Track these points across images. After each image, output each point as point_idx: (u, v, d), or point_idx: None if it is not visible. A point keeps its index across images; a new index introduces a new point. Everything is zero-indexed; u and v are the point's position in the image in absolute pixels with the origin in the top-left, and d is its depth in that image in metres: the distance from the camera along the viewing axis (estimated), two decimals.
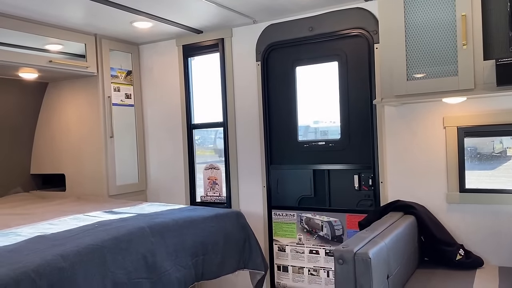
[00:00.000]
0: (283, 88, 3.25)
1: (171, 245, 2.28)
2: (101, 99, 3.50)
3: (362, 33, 2.90)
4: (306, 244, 3.18)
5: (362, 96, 2.94)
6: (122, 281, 1.95)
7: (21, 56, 2.98)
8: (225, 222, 2.71)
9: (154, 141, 3.84)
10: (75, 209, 2.98)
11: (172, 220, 2.40)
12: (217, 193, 3.57)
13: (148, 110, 3.85)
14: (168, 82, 3.72)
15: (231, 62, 3.42)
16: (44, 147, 3.87)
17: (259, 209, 3.34)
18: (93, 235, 2.03)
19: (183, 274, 2.29)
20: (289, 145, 3.24)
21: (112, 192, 3.52)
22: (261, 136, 3.31)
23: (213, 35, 3.47)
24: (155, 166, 3.83)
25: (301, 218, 3.19)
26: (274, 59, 3.27)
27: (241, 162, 3.42)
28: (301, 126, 3.25)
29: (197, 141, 3.77)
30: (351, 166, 3.01)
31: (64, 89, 3.73)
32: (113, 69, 3.61)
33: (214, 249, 2.55)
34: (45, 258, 1.73)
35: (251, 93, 3.35)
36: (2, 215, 2.86)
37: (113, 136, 3.54)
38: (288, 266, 3.25)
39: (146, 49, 3.83)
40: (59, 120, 3.77)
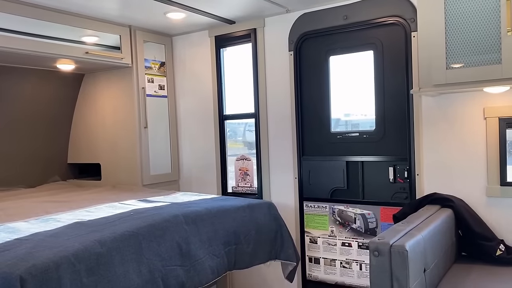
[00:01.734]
0: (316, 78, 3.20)
1: (204, 234, 2.29)
2: (136, 90, 3.55)
3: (398, 21, 2.82)
4: (338, 237, 3.15)
5: (398, 86, 2.87)
6: (156, 268, 1.98)
7: (59, 48, 3.05)
8: (257, 213, 2.71)
9: (186, 131, 3.87)
10: (111, 197, 3.05)
11: (205, 209, 2.41)
12: (248, 184, 3.57)
13: (180, 101, 3.88)
14: (200, 73, 3.74)
15: (263, 53, 3.40)
16: (80, 137, 3.97)
17: (290, 201, 3.33)
18: (129, 222, 2.07)
19: (216, 263, 2.30)
20: (322, 136, 3.20)
21: (146, 182, 3.57)
22: (293, 127, 3.28)
23: (245, 25, 3.46)
24: (188, 156, 3.87)
25: (334, 210, 3.15)
26: (307, 48, 3.23)
27: (273, 153, 3.41)
28: (332, 119, 3.19)
29: (227, 133, 3.78)
30: (386, 158, 2.94)
31: (100, 80, 3.81)
32: (147, 60, 3.65)
33: (246, 238, 2.55)
34: (84, 243, 1.77)
35: (283, 83, 3.32)
36: (42, 202, 2.95)
37: (147, 127, 3.60)
38: (319, 258, 3.23)
39: (179, 40, 3.85)
40: (95, 111, 3.85)
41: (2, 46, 2.74)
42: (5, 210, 2.70)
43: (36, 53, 2.93)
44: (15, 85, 3.52)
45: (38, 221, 2.29)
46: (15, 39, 2.80)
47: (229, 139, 3.79)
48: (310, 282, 3.27)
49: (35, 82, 3.65)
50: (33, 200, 3.07)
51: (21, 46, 2.84)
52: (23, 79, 3.55)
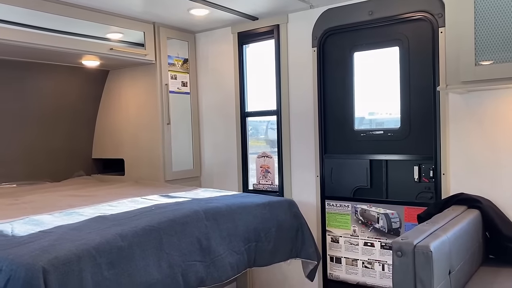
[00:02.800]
0: (339, 74, 3.15)
1: (225, 230, 2.29)
2: (159, 87, 3.57)
3: (426, 17, 2.74)
4: (360, 236, 3.10)
5: (425, 83, 2.79)
6: (176, 263, 1.98)
7: (84, 44, 3.09)
8: (278, 210, 2.69)
9: (208, 128, 3.88)
10: (133, 192, 3.08)
11: (225, 205, 2.41)
12: (269, 181, 3.55)
13: (203, 98, 3.89)
14: (223, 70, 3.74)
15: (286, 49, 3.37)
16: (105, 132, 4.02)
17: (312, 199, 3.29)
18: (150, 217, 2.08)
19: (236, 259, 2.29)
20: (345, 134, 3.15)
21: (168, 177, 3.60)
22: (316, 124, 3.24)
23: (268, 21, 3.43)
24: (209, 153, 3.88)
25: (356, 209, 3.10)
26: (331, 44, 3.18)
27: (294, 150, 3.38)
28: (355, 117, 3.14)
29: (248, 132, 3.77)
30: (411, 156, 2.87)
31: (124, 77, 3.85)
32: (170, 57, 3.67)
33: (266, 236, 2.54)
34: (105, 237, 1.79)
35: (306, 80, 3.28)
36: (67, 196, 3.00)
37: (169, 123, 3.62)
38: (341, 258, 3.19)
39: (202, 37, 3.86)
40: (119, 107, 3.90)
41: (30, 42, 2.80)
42: (31, 203, 2.76)
43: (62, 49, 2.98)
44: (42, 81, 3.60)
45: (61, 214, 2.32)
46: (42, 36, 2.85)
47: (251, 137, 3.78)
48: (331, 282, 3.23)
49: (62, 78, 3.71)
50: (58, 194, 3.13)
51: (48, 42, 2.89)
52: (50, 75, 3.62)
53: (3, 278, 1.56)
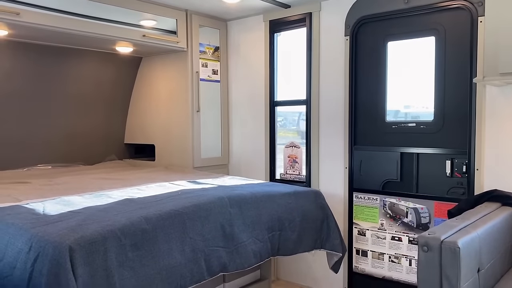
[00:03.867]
0: (372, 64, 3.08)
1: (248, 218, 2.29)
2: (190, 74, 3.60)
3: (464, 5, 2.63)
4: (388, 230, 3.04)
5: (461, 74, 2.69)
6: (199, 248, 2.00)
7: (118, 30, 3.14)
8: (303, 200, 2.67)
9: (237, 116, 3.88)
10: (162, 177, 3.13)
11: (250, 193, 2.41)
12: (296, 172, 3.53)
13: (233, 86, 3.89)
14: (253, 58, 3.72)
15: (318, 37, 3.32)
16: (137, 118, 4.10)
17: (339, 191, 3.25)
18: (175, 201, 2.10)
19: (259, 247, 2.30)
20: (376, 126, 3.08)
21: (196, 164, 3.64)
22: (346, 115, 3.19)
23: (301, 9, 3.39)
24: (238, 141, 3.89)
25: (385, 202, 3.04)
26: (364, 33, 3.11)
27: (323, 141, 3.33)
28: (390, 111, 3.06)
29: (280, 122, 3.75)
30: (443, 150, 2.78)
31: (156, 64, 3.90)
32: (202, 45, 3.68)
33: (290, 225, 2.52)
34: (131, 219, 1.83)
35: (338, 69, 3.22)
36: (98, 179, 3.09)
37: (199, 111, 3.64)
38: (367, 251, 3.14)
39: (234, 25, 3.85)
40: (151, 93, 3.96)
41: (66, 28, 2.87)
42: (64, 185, 2.85)
43: (97, 35, 3.04)
44: (77, 66, 3.69)
45: (91, 196, 2.39)
46: (78, 21, 2.91)
47: (283, 127, 3.76)
48: (356, 274, 3.19)
49: (97, 64, 3.80)
50: (90, 176, 3.22)
51: (84, 28, 2.95)
52: (86, 60, 3.71)
53: (33, 254, 1.62)
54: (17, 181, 2.98)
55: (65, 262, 1.53)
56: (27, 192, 2.53)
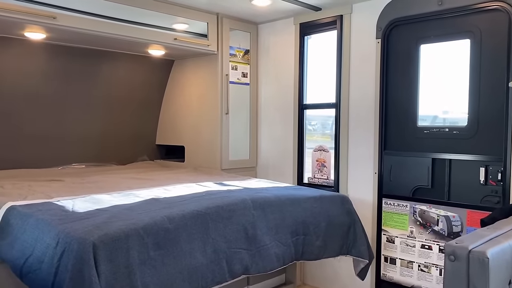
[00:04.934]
0: (404, 67, 3.01)
1: (272, 220, 2.28)
2: (219, 77, 3.63)
3: (502, 7, 2.53)
4: (418, 238, 2.95)
5: (497, 78, 2.59)
6: (221, 249, 2.01)
7: (150, 34, 3.21)
8: (329, 205, 2.63)
9: (266, 119, 3.88)
10: (190, 178, 3.17)
11: (274, 196, 2.40)
12: (324, 176, 3.49)
13: (262, 89, 3.90)
14: (283, 61, 3.71)
15: (348, 40, 3.28)
16: (168, 120, 4.17)
17: (368, 196, 3.19)
18: (199, 202, 2.12)
19: (282, 251, 2.28)
20: (407, 130, 3.01)
21: (224, 166, 3.66)
22: (376, 119, 3.13)
23: (331, 12, 3.35)
24: (266, 144, 3.88)
25: (415, 209, 2.96)
26: (396, 36, 3.04)
27: (352, 145, 3.28)
28: (421, 115, 2.97)
29: (314, 126, 3.72)
30: (477, 157, 2.68)
31: (188, 66, 3.96)
32: (232, 48, 3.71)
33: (315, 230, 2.49)
34: (154, 218, 1.86)
35: (368, 72, 3.17)
36: (128, 179, 3.16)
37: (228, 113, 3.67)
38: (396, 259, 3.06)
39: (264, 28, 3.86)
40: (182, 96, 4.02)
41: (101, 31, 2.95)
42: (95, 183, 2.93)
43: (130, 38, 3.11)
44: (112, 69, 3.80)
45: (120, 195, 2.44)
46: (112, 25, 2.99)
47: (316, 132, 3.71)
48: (384, 282, 3.12)
49: (130, 66, 3.90)
50: (121, 176, 3.30)
51: (117, 31, 3.03)
52: (118, 63, 3.81)
53: (59, 249, 1.67)
54: (51, 179, 3.08)
55: (88, 258, 1.57)
56: (60, 190, 2.62)
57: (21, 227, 1.93)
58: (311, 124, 3.71)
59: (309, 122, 3.72)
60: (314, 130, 3.72)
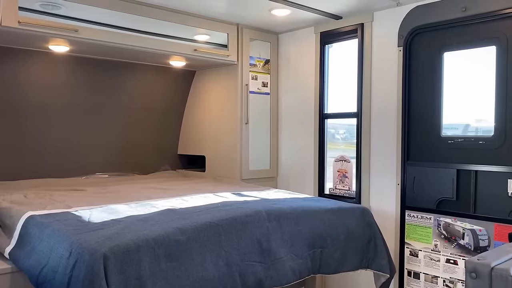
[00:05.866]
0: (427, 75, 2.93)
1: (287, 233, 2.24)
2: (239, 87, 3.63)
3: None
4: (442, 252, 2.84)
5: None
6: (234, 262, 1.98)
7: (170, 45, 3.24)
8: (349, 217, 2.56)
9: (287, 129, 3.85)
10: (209, 188, 3.16)
11: (290, 208, 2.35)
12: (346, 187, 3.42)
13: (282, 99, 3.87)
14: (304, 70, 3.68)
15: (370, 48, 3.22)
16: (189, 130, 4.20)
17: (391, 208, 3.10)
18: (212, 214, 2.10)
19: (298, 264, 2.23)
20: (430, 140, 2.92)
21: (244, 176, 3.64)
22: (399, 129, 3.05)
23: (352, 20, 3.31)
24: (287, 154, 3.85)
25: (439, 222, 2.86)
26: (418, 44, 2.97)
27: (374, 156, 3.21)
28: (445, 124, 2.87)
29: (342, 135, 3.66)
30: (505, 168, 2.57)
31: (209, 77, 3.98)
32: (252, 58, 3.71)
33: (334, 243, 2.43)
34: (166, 230, 1.85)
35: (390, 81, 3.10)
36: (148, 189, 3.17)
37: (248, 123, 3.66)
38: (420, 273, 2.95)
39: (284, 37, 3.84)
40: (203, 106, 4.04)
41: (122, 44, 3.00)
42: (115, 193, 2.96)
43: (150, 49, 3.15)
44: (135, 80, 3.85)
45: (137, 205, 2.45)
46: (133, 37, 3.04)
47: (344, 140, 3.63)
48: None
49: (152, 77, 3.95)
50: (141, 186, 3.32)
51: (138, 43, 3.07)
52: (141, 74, 3.87)
53: (72, 260, 1.68)
54: (74, 188, 3.14)
55: (99, 269, 1.57)
56: (80, 200, 2.65)
57: (38, 237, 1.96)
58: (339, 133, 3.64)
59: (336, 131, 3.66)
60: (342, 139, 3.64)
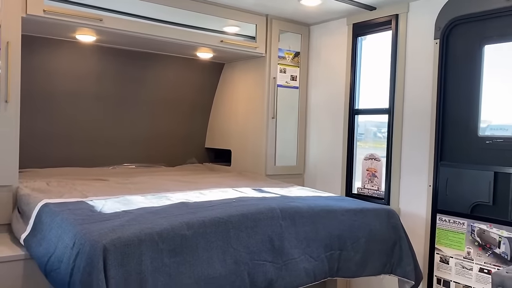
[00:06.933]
0: (465, 70, 2.72)
1: (302, 233, 2.12)
2: (267, 80, 3.53)
3: None
4: (476, 260, 2.64)
5: None
6: (243, 260, 1.89)
7: (196, 36, 3.18)
8: (372, 219, 2.41)
9: (315, 124, 3.71)
10: (231, 183, 3.09)
11: (307, 206, 2.23)
12: (375, 187, 3.25)
13: (312, 93, 3.74)
14: (335, 63, 3.53)
15: (404, 41, 3.03)
16: (217, 123, 4.14)
17: (421, 211, 2.92)
18: (224, 209, 2.03)
19: (312, 266, 2.11)
20: (466, 140, 2.71)
21: (269, 172, 3.54)
22: (432, 127, 2.86)
23: (387, 11, 3.13)
24: (314, 150, 3.71)
25: (473, 228, 2.65)
26: (457, 36, 2.76)
27: (405, 155, 3.03)
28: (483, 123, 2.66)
29: (379, 132, 3.48)
30: None
31: (237, 70, 3.91)
32: (281, 50, 3.59)
33: (354, 245, 2.30)
34: (172, 224, 1.79)
35: (425, 76, 2.91)
36: (170, 181, 3.14)
37: (274, 117, 3.55)
38: (450, 282, 2.76)
39: (316, 29, 3.71)
40: (231, 99, 3.97)
41: (147, 34, 2.98)
42: (136, 184, 2.95)
43: (174, 40, 3.11)
44: (163, 71, 3.84)
45: (153, 197, 2.42)
46: (157, 27, 3.00)
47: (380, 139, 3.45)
48: None
49: (181, 69, 3.92)
50: (165, 178, 3.30)
51: (162, 33, 3.03)
52: (170, 65, 3.85)
53: (75, 250, 1.66)
54: (97, 178, 3.15)
55: (97, 261, 1.53)
56: (100, 189, 2.65)
57: (49, 225, 1.96)
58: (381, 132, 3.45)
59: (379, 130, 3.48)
60: (379, 138, 3.46)
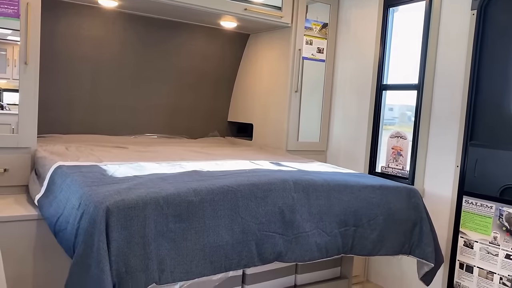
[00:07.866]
0: (504, 45, 2.52)
1: (316, 206, 2.05)
2: (291, 52, 3.42)
3: None
4: (502, 246, 2.49)
5: None
6: (251, 230, 1.84)
7: (219, 3, 3.09)
8: (392, 197, 2.31)
9: (340, 100, 3.58)
10: (250, 156, 3.03)
11: (322, 180, 2.15)
12: (400, 166, 3.12)
13: (339, 67, 3.60)
14: (364, 35, 3.37)
15: (438, 12, 2.85)
16: (239, 96, 4.07)
17: (447, 192, 2.78)
18: (234, 178, 1.97)
19: (325, 240, 2.04)
20: (499, 120, 2.53)
21: (290, 147, 3.46)
22: (463, 105, 2.69)
23: None
24: (339, 127, 3.59)
25: (501, 212, 2.50)
26: (496, 6, 2.55)
27: (434, 133, 2.88)
28: None
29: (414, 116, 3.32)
30: None
31: (262, 41, 3.80)
32: (308, 21, 3.46)
33: (370, 223, 2.20)
34: (179, 189, 1.75)
35: (459, 50, 2.73)
36: (188, 151, 3.12)
37: (298, 91, 3.45)
38: (473, 267, 2.63)
39: (346, 0, 3.54)
40: (254, 72, 3.88)
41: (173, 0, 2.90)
42: (154, 153, 2.93)
43: (198, 7, 3.03)
44: (187, 41, 3.77)
45: (167, 164, 2.39)
46: None
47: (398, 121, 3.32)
48: None
49: (205, 39, 3.85)
50: (184, 148, 3.28)
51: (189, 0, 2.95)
52: (194, 35, 3.78)
53: (80, 211, 1.65)
54: (117, 145, 3.16)
55: (100, 222, 1.51)
56: (117, 156, 2.65)
57: (60, 186, 1.96)
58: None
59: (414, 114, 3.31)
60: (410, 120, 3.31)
